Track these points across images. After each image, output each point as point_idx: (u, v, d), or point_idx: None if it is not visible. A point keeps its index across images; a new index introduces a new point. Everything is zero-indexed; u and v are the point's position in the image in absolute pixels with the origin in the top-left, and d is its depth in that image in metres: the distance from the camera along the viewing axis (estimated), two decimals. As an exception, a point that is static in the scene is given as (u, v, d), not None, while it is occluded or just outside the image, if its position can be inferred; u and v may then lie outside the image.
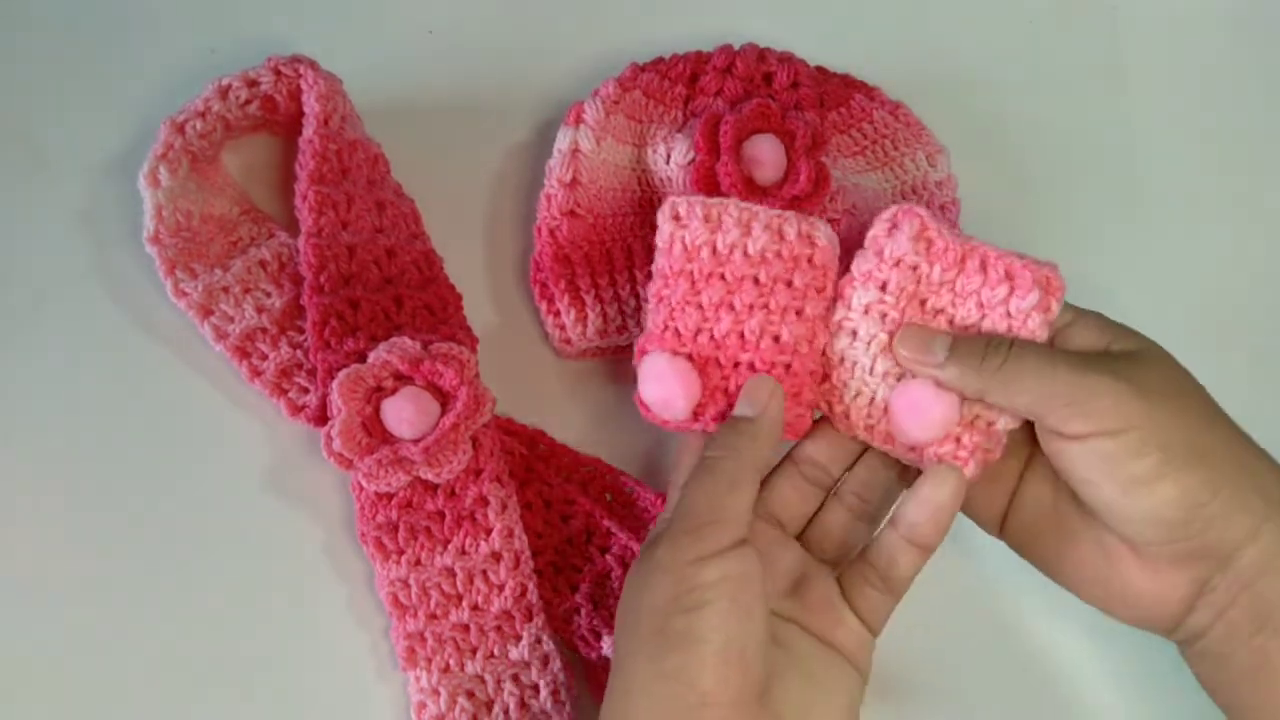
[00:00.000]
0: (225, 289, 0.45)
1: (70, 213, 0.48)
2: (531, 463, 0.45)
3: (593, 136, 0.46)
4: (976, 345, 0.37)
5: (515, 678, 0.43)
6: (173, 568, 0.44)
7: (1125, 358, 0.36)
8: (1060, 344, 0.38)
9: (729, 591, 0.33)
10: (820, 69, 0.50)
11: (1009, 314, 0.37)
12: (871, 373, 0.39)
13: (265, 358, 0.45)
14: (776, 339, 0.39)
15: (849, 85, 0.50)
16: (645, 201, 0.48)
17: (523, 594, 0.43)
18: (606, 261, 0.47)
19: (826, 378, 0.40)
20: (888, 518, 0.39)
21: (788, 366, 0.39)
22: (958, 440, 0.38)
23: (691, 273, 0.39)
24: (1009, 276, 0.37)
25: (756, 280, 0.39)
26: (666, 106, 0.48)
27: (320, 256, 0.44)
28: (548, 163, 0.46)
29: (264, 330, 0.45)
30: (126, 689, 0.43)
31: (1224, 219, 0.53)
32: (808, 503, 0.41)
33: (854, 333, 0.39)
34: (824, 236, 0.39)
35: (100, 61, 0.51)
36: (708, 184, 0.45)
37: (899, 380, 0.39)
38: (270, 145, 0.49)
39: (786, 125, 0.46)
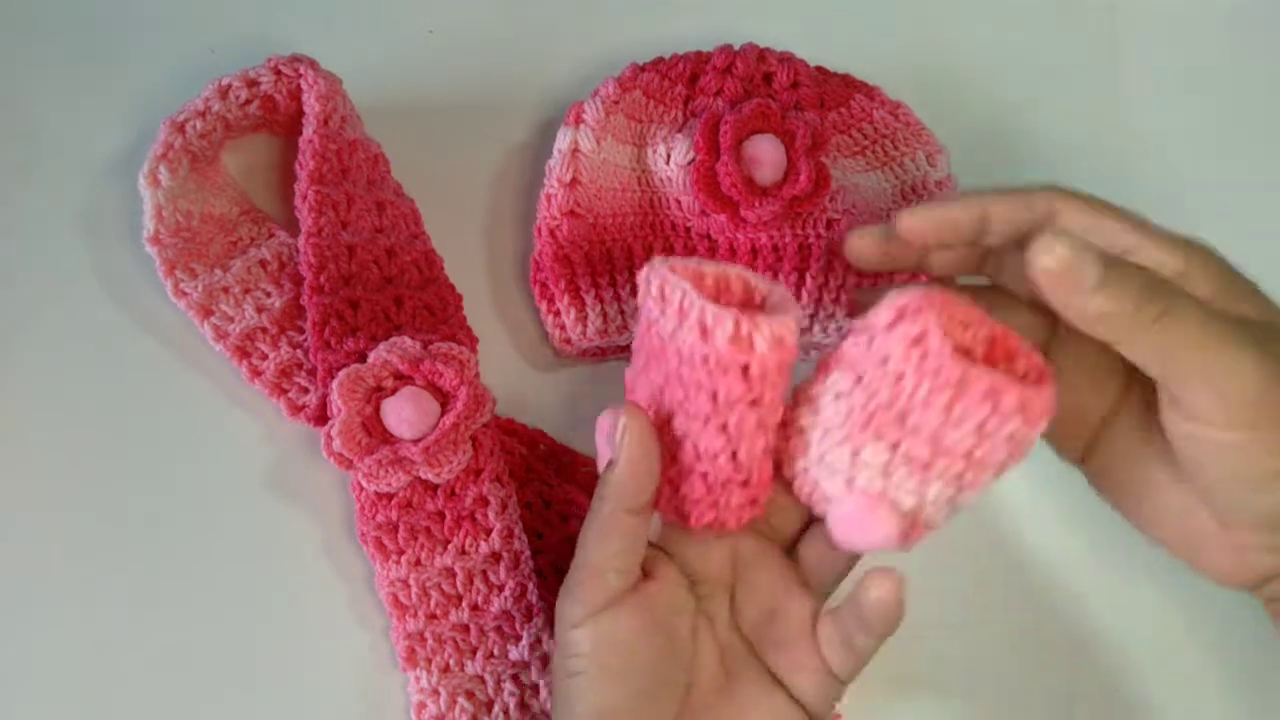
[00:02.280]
0: (225, 289, 0.45)
1: (70, 213, 0.48)
2: (531, 463, 0.45)
3: (593, 136, 0.46)
4: (1133, 280, 0.30)
5: (515, 678, 0.43)
6: (172, 568, 0.44)
7: (1264, 332, 0.31)
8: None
9: (600, 660, 0.34)
10: (820, 69, 0.50)
11: (1009, 440, 0.31)
12: (820, 462, 0.35)
13: (265, 358, 0.45)
14: (696, 447, 0.34)
15: (849, 85, 0.50)
16: (645, 201, 0.48)
17: (523, 594, 0.43)
18: (606, 261, 0.47)
19: (786, 435, 0.36)
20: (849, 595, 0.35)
21: (705, 476, 0.35)
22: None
23: (644, 347, 0.35)
24: (1023, 408, 0.31)
25: (681, 379, 0.33)
26: (666, 106, 0.48)
27: (320, 256, 0.44)
28: (548, 163, 0.46)
29: (264, 330, 0.45)
30: (126, 689, 0.43)
31: (1224, 219, 0.53)
32: (800, 507, 0.38)
33: (818, 411, 0.35)
34: (765, 342, 0.32)
35: (100, 61, 0.51)
36: (708, 184, 0.45)
37: (847, 484, 0.34)
38: (270, 145, 0.49)
39: (786, 125, 0.46)
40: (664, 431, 0.35)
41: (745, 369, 0.32)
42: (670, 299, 0.33)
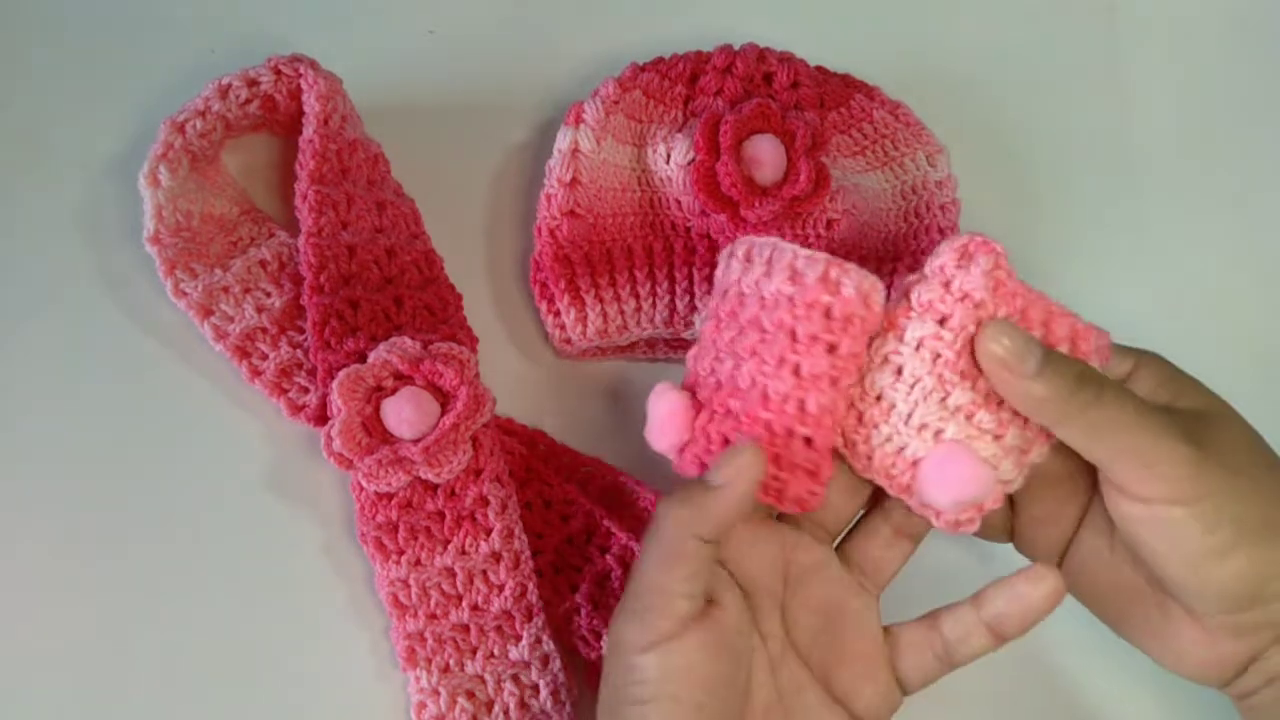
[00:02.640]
0: (225, 289, 0.45)
1: (70, 213, 0.48)
2: (531, 463, 0.45)
3: (593, 136, 0.46)
4: (1069, 370, 0.33)
5: (515, 678, 0.43)
6: (172, 568, 0.44)
7: (1196, 418, 0.34)
8: None
9: (671, 690, 0.32)
10: (820, 69, 0.50)
11: None
12: (908, 421, 0.34)
13: (265, 358, 0.45)
14: (765, 394, 0.34)
15: (849, 85, 0.50)
16: (645, 201, 0.48)
17: (523, 594, 0.43)
18: (606, 261, 0.47)
19: (857, 414, 0.35)
20: (974, 595, 0.35)
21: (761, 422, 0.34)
22: (980, 507, 0.34)
23: (716, 315, 0.36)
24: (1073, 338, 0.34)
25: (760, 324, 0.34)
26: (666, 106, 0.48)
27: (320, 256, 0.44)
28: (548, 163, 0.46)
29: (264, 330, 0.45)
30: (126, 689, 0.43)
31: (1224, 219, 0.53)
32: (855, 498, 0.37)
33: (899, 370, 0.34)
34: (852, 286, 0.33)
35: (100, 61, 0.51)
36: (708, 184, 0.45)
37: (935, 437, 0.34)
38: (270, 145, 0.49)
39: (786, 125, 0.46)
40: (728, 394, 0.35)
41: (828, 310, 0.33)
42: (759, 254, 0.35)
